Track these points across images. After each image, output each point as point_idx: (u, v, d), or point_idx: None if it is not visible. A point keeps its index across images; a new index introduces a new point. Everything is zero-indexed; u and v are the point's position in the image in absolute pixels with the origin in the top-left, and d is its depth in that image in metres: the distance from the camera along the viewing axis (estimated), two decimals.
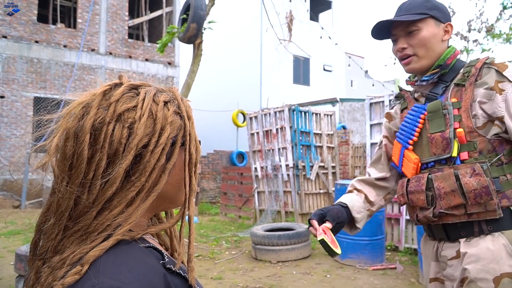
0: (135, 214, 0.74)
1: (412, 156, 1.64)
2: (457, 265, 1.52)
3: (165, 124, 0.76)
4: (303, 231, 6.18)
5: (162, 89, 0.83)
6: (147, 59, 15.79)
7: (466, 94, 1.54)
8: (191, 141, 0.81)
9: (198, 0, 6.94)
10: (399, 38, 1.65)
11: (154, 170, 0.75)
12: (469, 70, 1.58)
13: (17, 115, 13.09)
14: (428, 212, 1.56)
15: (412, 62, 1.64)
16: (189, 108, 0.83)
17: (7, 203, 11.84)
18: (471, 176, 1.46)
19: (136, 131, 0.73)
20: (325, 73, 21.27)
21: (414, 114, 1.67)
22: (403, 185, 1.68)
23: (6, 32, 13.09)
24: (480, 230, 1.49)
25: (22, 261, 4.09)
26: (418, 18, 1.58)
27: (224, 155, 15.46)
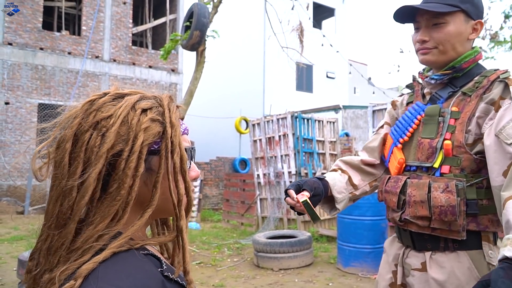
0: (131, 229, 0.73)
1: (398, 155, 1.59)
2: (420, 277, 1.49)
3: (138, 131, 0.74)
4: (306, 238, 6.17)
5: (147, 96, 0.81)
6: (151, 66, 15.86)
7: (468, 106, 1.45)
8: (173, 149, 0.77)
9: (201, 8, 6.99)
10: (422, 27, 1.51)
11: (135, 181, 0.73)
12: (481, 80, 1.47)
13: (21, 121, 13.16)
14: (396, 215, 1.55)
15: (430, 54, 1.51)
16: (174, 115, 0.79)
17: (10, 208, 11.88)
18: (442, 192, 1.40)
19: (105, 138, 0.72)
20: (328, 80, 21.30)
21: (412, 113, 1.60)
22: (384, 182, 1.64)
23: (12, 39, 13.20)
24: (445, 246, 1.45)
25: (24, 267, 4.10)
26: (447, 10, 1.43)
27: (226, 162, 15.47)
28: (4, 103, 12.93)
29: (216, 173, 14.99)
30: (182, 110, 0.87)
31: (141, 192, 0.76)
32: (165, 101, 0.81)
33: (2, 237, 8.14)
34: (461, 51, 1.50)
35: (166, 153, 0.76)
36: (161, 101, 0.81)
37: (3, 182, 12.76)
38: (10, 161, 12.88)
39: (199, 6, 7.02)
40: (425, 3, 1.48)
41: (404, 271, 1.58)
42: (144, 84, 15.41)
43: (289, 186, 1.58)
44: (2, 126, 12.77)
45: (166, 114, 0.78)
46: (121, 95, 0.80)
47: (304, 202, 1.48)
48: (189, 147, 0.83)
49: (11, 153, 12.96)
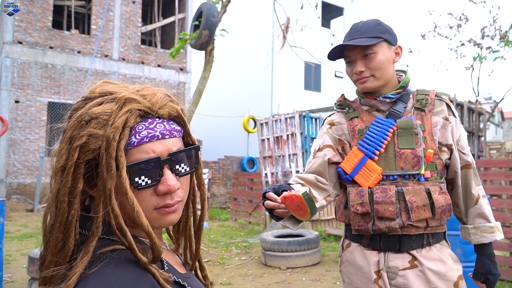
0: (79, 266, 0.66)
1: (377, 167, 1.67)
2: (412, 275, 1.63)
3: (74, 148, 0.69)
4: (313, 237, 6.17)
5: (108, 99, 0.74)
6: (160, 65, 15.93)
7: (427, 119, 1.71)
8: (107, 167, 0.68)
9: (210, 7, 7.01)
10: (356, 60, 1.71)
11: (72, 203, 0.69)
12: (425, 98, 1.75)
13: (31, 120, 13.27)
14: (394, 223, 1.63)
15: (368, 82, 1.71)
16: (114, 125, 0.69)
17: (20, 206, 12.00)
18: (439, 194, 1.64)
19: (59, 156, 0.71)
20: (337, 79, 21.23)
21: (381, 127, 1.71)
22: (363, 194, 1.68)
23: (22, 38, 13.32)
24: (427, 243, 1.67)
25: (34, 264, 4.15)
26: (374, 42, 1.65)
27: (234, 161, 15.50)
28: (14, 102, 13.06)
29: (224, 172, 15.03)
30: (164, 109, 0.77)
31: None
32: (116, 105, 0.71)
33: (12, 235, 8.22)
34: (391, 73, 1.74)
35: (101, 171, 0.69)
36: (117, 103, 0.72)
37: (13, 180, 12.89)
38: (20, 159, 13.00)
39: (208, 6, 7.03)
40: (352, 40, 1.69)
41: (389, 274, 1.67)
42: (152, 83, 15.48)
43: (266, 189, 1.56)
44: (12, 124, 12.89)
45: (107, 125, 0.69)
46: (90, 98, 0.75)
47: (304, 194, 1.37)
48: (147, 160, 0.72)
49: (21, 151, 13.08)
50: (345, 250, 1.82)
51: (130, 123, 0.71)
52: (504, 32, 15.91)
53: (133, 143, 0.72)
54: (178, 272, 0.81)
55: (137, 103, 0.73)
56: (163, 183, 0.74)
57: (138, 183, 0.72)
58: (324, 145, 1.83)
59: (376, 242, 1.70)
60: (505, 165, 5.24)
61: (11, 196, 12.57)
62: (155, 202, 0.75)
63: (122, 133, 0.69)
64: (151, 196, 0.74)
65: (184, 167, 0.78)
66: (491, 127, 37.34)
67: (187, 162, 0.79)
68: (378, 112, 1.79)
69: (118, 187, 0.69)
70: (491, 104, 32.12)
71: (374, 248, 1.71)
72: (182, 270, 0.85)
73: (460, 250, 3.94)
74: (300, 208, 1.40)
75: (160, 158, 0.73)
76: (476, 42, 16.92)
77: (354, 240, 1.78)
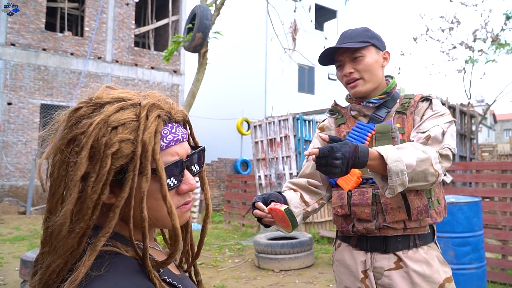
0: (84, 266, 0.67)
1: (355, 170, 1.69)
2: (398, 274, 1.67)
3: (105, 157, 0.68)
4: (306, 240, 6.18)
5: (127, 104, 0.74)
6: (153, 67, 15.90)
7: (408, 122, 1.74)
8: (142, 170, 0.70)
9: (203, 10, 7.02)
10: (345, 63, 1.77)
11: (95, 211, 0.69)
12: (408, 101, 1.78)
13: (24, 122, 13.20)
14: (370, 224, 1.68)
15: (359, 85, 1.76)
16: (149, 130, 0.71)
17: (12, 209, 11.91)
18: (415, 196, 1.66)
19: (78, 164, 0.68)
20: (330, 82, 21.29)
21: (360, 131, 1.77)
22: (343, 197, 1.75)
23: (15, 40, 13.25)
24: (414, 244, 1.68)
25: (27, 266, 4.13)
26: (362, 45, 1.72)
27: (228, 163, 15.49)
28: (6, 104, 12.98)
29: (218, 174, 15.02)
30: (178, 114, 0.81)
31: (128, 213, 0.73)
32: (143, 111, 0.73)
33: (4, 237, 8.17)
34: (380, 77, 1.79)
35: (133, 175, 0.70)
36: (140, 111, 0.73)
37: (5, 182, 12.80)
38: (12, 161, 12.92)
39: (202, 8, 7.05)
40: (341, 44, 1.75)
41: (375, 274, 1.71)
42: (146, 85, 15.45)
43: (256, 199, 1.63)
44: (5, 126, 12.81)
45: (139, 131, 0.71)
46: (101, 104, 0.74)
47: (286, 210, 1.48)
48: (176, 162, 0.76)
49: (13, 153, 13.00)
50: (336, 250, 1.87)
51: (160, 128, 0.74)
52: (495, 35, 16.05)
53: (162, 147, 0.75)
54: (173, 274, 0.81)
55: (161, 109, 0.76)
56: (186, 182, 0.79)
57: (169, 185, 0.75)
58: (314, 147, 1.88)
59: (363, 243, 1.74)
60: (497, 168, 5.29)
61: (3, 198, 12.48)
62: (177, 201, 0.79)
63: (156, 137, 0.72)
64: (173, 196, 0.78)
65: (196, 167, 0.84)
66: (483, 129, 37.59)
67: (198, 162, 0.85)
68: (364, 117, 1.84)
69: (150, 190, 0.72)
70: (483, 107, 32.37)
71: (362, 248, 1.75)
72: (176, 272, 0.86)
73: (453, 253, 3.97)
74: (283, 220, 1.50)
75: (183, 160, 0.78)
76: (468, 45, 17.05)
77: (343, 240, 1.83)
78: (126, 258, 0.73)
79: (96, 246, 0.69)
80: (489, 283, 4.77)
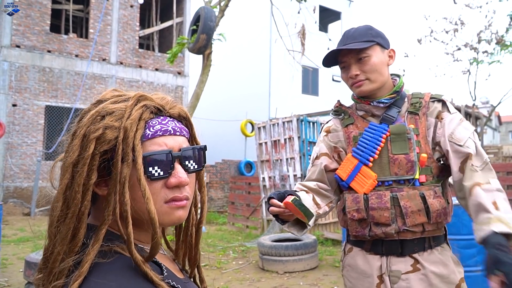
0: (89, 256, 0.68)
1: (371, 173, 1.68)
2: (415, 278, 1.63)
3: (90, 141, 0.71)
4: (311, 242, 6.16)
5: (122, 99, 0.78)
6: (157, 69, 15.93)
7: (421, 122, 1.71)
8: (124, 156, 0.72)
9: (208, 12, 7.03)
10: (351, 65, 1.72)
11: (85, 194, 0.70)
12: (419, 101, 1.74)
13: (28, 123, 13.25)
14: (390, 228, 1.64)
15: (364, 85, 1.72)
16: (132, 117, 0.73)
17: (17, 210, 11.95)
18: (434, 198, 1.63)
19: (70, 151, 0.72)
20: (334, 83, 21.27)
21: (374, 133, 1.72)
22: (359, 201, 1.69)
23: (20, 42, 13.31)
24: (429, 246, 1.67)
25: (31, 268, 4.13)
26: (367, 45, 1.67)
27: (232, 165, 15.49)
28: (11, 105, 13.03)
29: (222, 176, 15.02)
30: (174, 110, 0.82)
31: None
32: (131, 101, 0.76)
33: (9, 239, 8.19)
34: (386, 75, 1.75)
35: (117, 161, 0.72)
36: (132, 102, 0.76)
37: (10, 183, 12.85)
38: (17, 162, 12.96)
39: (206, 10, 7.05)
40: (345, 45, 1.70)
41: (391, 278, 1.67)
42: (150, 86, 15.48)
43: (271, 195, 1.59)
44: (10, 128, 12.86)
45: (123, 118, 0.73)
46: (101, 101, 0.78)
47: (293, 200, 1.43)
48: (161, 152, 0.75)
49: (18, 154, 13.05)
50: (347, 255, 1.82)
51: (145, 117, 0.75)
52: (500, 36, 15.98)
53: (147, 136, 0.76)
54: (176, 278, 0.81)
55: (151, 100, 0.78)
56: (174, 175, 0.77)
57: (151, 173, 0.74)
58: (320, 153, 1.86)
59: (378, 247, 1.70)
60: (503, 170, 5.26)
61: (8, 199, 12.52)
62: (165, 195, 0.77)
63: (139, 124, 0.74)
64: (161, 189, 0.76)
65: (193, 164, 0.81)
66: (488, 131, 37.44)
67: (196, 160, 0.82)
68: (373, 117, 1.79)
69: (132, 178, 0.73)
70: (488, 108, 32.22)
71: (376, 253, 1.70)
72: (180, 276, 0.85)
73: (458, 255, 3.95)
74: (298, 212, 1.45)
75: (172, 151, 0.77)
76: (473, 46, 16.98)
77: (355, 244, 1.78)
78: (123, 256, 0.72)
79: (98, 235, 0.70)
80: None
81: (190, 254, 0.91)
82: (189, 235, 0.90)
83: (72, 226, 0.70)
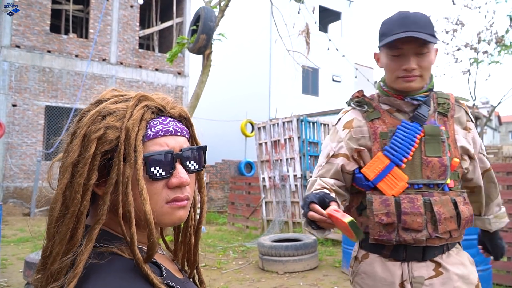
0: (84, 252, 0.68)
1: (403, 175, 1.58)
2: (438, 283, 1.57)
3: (91, 141, 0.71)
4: (311, 242, 6.16)
5: (122, 99, 0.78)
6: (157, 69, 15.93)
7: (450, 125, 1.65)
8: (126, 156, 0.72)
9: (208, 12, 7.02)
10: (409, 56, 1.56)
11: (85, 194, 0.70)
12: (446, 102, 1.67)
13: (28, 124, 13.24)
14: (421, 235, 1.54)
15: (415, 82, 1.59)
16: (134, 117, 0.73)
17: (17, 210, 11.95)
18: (463, 205, 1.59)
19: (70, 151, 0.72)
20: (334, 83, 21.28)
21: (408, 132, 1.60)
22: (389, 204, 1.57)
23: (20, 42, 13.31)
24: (446, 248, 1.62)
25: (31, 268, 4.13)
26: (434, 41, 1.53)
27: (232, 165, 15.49)
28: (11, 105, 13.03)
29: (222, 176, 15.02)
30: (175, 110, 0.82)
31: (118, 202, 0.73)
32: (132, 102, 0.76)
33: (9, 239, 8.19)
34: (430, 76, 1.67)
35: (118, 161, 0.72)
36: (132, 102, 0.76)
37: (10, 184, 12.84)
38: (17, 163, 12.96)
39: (206, 10, 7.05)
40: (411, 31, 1.51)
41: (413, 285, 1.58)
42: (150, 87, 15.48)
43: (311, 199, 1.45)
44: (9, 128, 12.86)
45: (125, 118, 0.73)
46: (101, 101, 0.78)
47: (350, 222, 1.30)
48: (162, 152, 0.76)
49: (18, 155, 13.04)
50: (362, 262, 1.70)
51: (146, 117, 0.76)
52: (500, 37, 15.98)
53: (148, 136, 0.76)
54: (176, 278, 0.81)
55: (152, 100, 0.78)
56: (176, 176, 0.77)
57: (153, 173, 0.74)
58: (339, 153, 1.70)
59: (399, 252, 1.60)
60: (503, 170, 5.25)
61: (7, 200, 12.52)
62: (166, 195, 0.77)
63: (140, 124, 0.74)
64: (163, 189, 0.76)
65: (193, 164, 0.82)
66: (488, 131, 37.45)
67: (196, 160, 0.83)
68: (399, 113, 1.67)
69: (132, 178, 0.72)
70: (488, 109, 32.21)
71: (396, 259, 1.60)
72: (180, 276, 0.85)
73: None
74: (346, 230, 1.35)
75: (173, 152, 0.77)
76: (473, 46, 16.98)
77: (372, 250, 1.66)
78: (122, 258, 0.72)
79: (91, 235, 0.70)
80: (495, 285, 4.74)
81: (189, 255, 0.91)
82: (188, 236, 0.89)
83: (71, 226, 0.69)
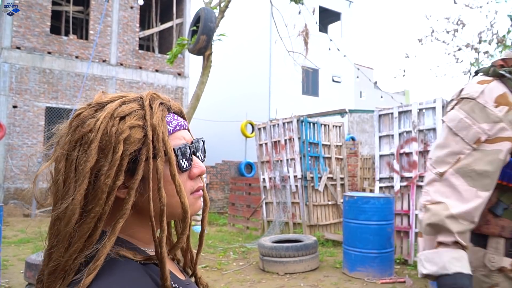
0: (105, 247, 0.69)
1: None
2: None
3: (117, 143, 0.70)
4: (311, 243, 6.15)
5: (129, 99, 0.77)
6: (157, 70, 15.93)
7: None
8: (156, 153, 0.73)
9: (208, 13, 7.03)
10: None
11: (110, 195, 0.70)
12: None
13: (29, 125, 13.25)
14: None
15: None
16: (156, 115, 0.75)
17: (17, 211, 11.95)
18: None
19: (88, 155, 0.70)
20: (334, 84, 21.28)
21: None
22: None
23: (20, 43, 13.32)
24: None
25: (31, 269, 4.13)
26: None
27: (232, 166, 15.48)
28: (12, 107, 13.04)
29: (222, 177, 15.00)
30: (175, 106, 0.84)
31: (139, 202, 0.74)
32: (146, 101, 0.77)
33: (10, 240, 8.19)
34: None
35: (147, 158, 0.72)
36: (142, 101, 0.77)
37: (11, 185, 12.85)
38: (17, 164, 12.96)
39: (206, 11, 7.05)
40: None
41: None
42: (150, 88, 15.47)
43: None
44: (10, 129, 12.86)
45: (147, 117, 0.75)
46: (102, 105, 0.76)
47: None
48: (184, 144, 0.79)
49: (19, 156, 13.05)
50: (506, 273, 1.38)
51: (165, 114, 0.78)
52: (501, 37, 15.98)
53: (169, 131, 0.78)
54: (178, 279, 0.81)
55: (161, 99, 0.81)
56: (196, 166, 0.81)
57: (182, 166, 0.77)
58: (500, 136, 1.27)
59: None
60: None
61: (8, 201, 12.52)
62: (190, 186, 0.80)
63: (163, 122, 0.76)
64: (186, 181, 0.79)
65: (202, 155, 0.86)
66: None
67: (203, 151, 0.87)
68: None
69: (164, 173, 0.74)
70: None
71: None
72: (182, 277, 0.85)
73: None
74: None
75: (189, 144, 0.81)
76: (474, 46, 16.98)
77: None
78: (131, 261, 0.72)
79: (115, 228, 0.71)
80: None
81: (191, 256, 0.91)
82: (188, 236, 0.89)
83: (92, 225, 0.70)
